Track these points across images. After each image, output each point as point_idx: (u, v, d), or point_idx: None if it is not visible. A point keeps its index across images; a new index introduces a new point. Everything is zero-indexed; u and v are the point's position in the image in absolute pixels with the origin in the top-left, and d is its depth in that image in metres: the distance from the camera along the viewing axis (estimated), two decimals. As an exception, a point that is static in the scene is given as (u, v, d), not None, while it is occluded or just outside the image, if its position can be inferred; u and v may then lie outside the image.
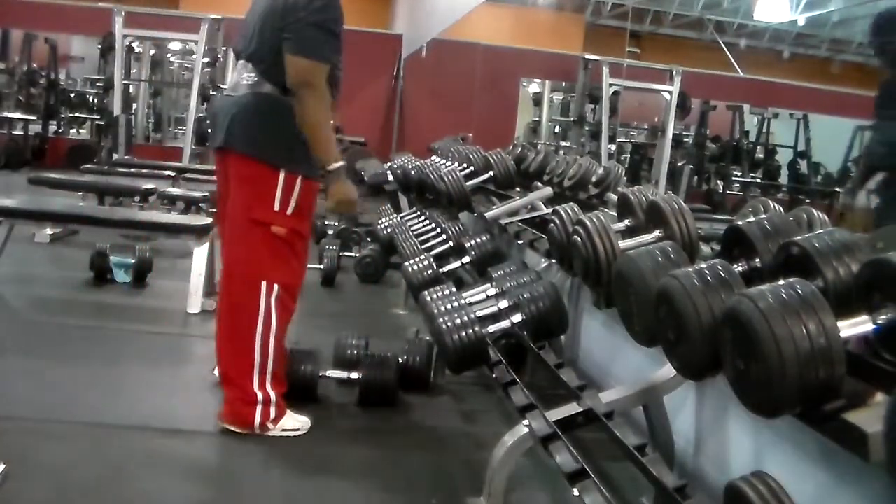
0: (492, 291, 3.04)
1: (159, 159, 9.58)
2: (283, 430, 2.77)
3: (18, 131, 11.54)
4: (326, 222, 6.88)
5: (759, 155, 13.62)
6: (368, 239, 6.12)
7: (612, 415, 2.08)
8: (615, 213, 2.57)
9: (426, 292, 3.11)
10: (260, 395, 2.70)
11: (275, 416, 2.73)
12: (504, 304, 2.85)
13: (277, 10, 2.64)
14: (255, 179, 2.66)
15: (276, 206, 2.63)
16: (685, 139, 12.88)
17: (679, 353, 1.67)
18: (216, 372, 2.97)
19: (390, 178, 5.98)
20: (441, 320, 2.73)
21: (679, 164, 11.86)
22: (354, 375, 3.12)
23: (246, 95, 2.70)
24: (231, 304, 2.76)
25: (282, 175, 2.63)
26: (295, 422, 2.80)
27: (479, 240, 3.83)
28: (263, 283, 2.66)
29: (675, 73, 11.35)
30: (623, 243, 2.23)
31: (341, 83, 2.82)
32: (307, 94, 2.60)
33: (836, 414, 1.37)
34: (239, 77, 2.77)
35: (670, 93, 11.31)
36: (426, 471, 2.65)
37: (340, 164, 2.70)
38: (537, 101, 14.68)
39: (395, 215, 5.28)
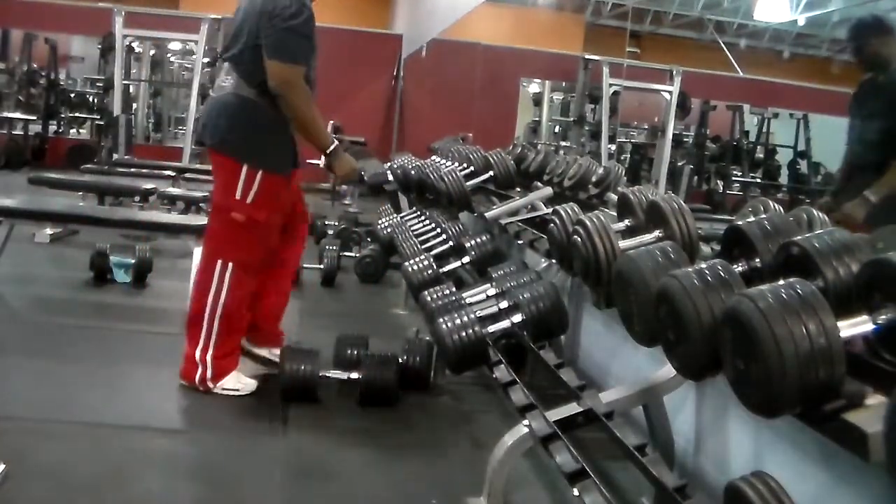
0: (492, 291, 3.04)
1: (159, 159, 9.58)
2: (223, 389, 3.07)
3: (18, 131, 11.53)
4: (327, 222, 6.89)
5: (759, 155, 13.62)
6: (368, 239, 6.12)
7: (612, 415, 2.08)
8: (615, 213, 2.57)
9: (426, 292, 3.12)
10: (199, 359, 3.04)
11: (212, 376, 3.05)
12: (504, 304, 2.85)
13: (254, 15, 2.91)
14: (222, 170, 3.04)
15: (238, 195, 2.97)
16: (685, 139, 12.88)
17: (679, 353, 1.67)
18: None
19: (390, 178, 5.97)
20: (441, 320, 2.73)
21: (679, 164, 11.86)
22: (354, 375, 3.12)
23: (224, 96, 3.02)
24: (196, 278, 3.17)
25: (244, 169, 2.96)
26: (236, 383, 3.09)
27: (479, 240, 3.83)
28: (219, 262, 3.02)
29: (675, 73, 11.36)
30: (623, 243, 2.23)
31: (316, 83, 3.12)
32: (290, 94, 2.92)
33: (836, 414, 1.37)
34: (222, 79, 3.08)
35: (670, 93, 11.31)
36: (426, 471, 2.65)
37: (335, 145, 3.10)
38: (537, 101, 14.67)
39: (395, 215, 5.28)
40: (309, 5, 3.00)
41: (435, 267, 3.78)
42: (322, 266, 5.25)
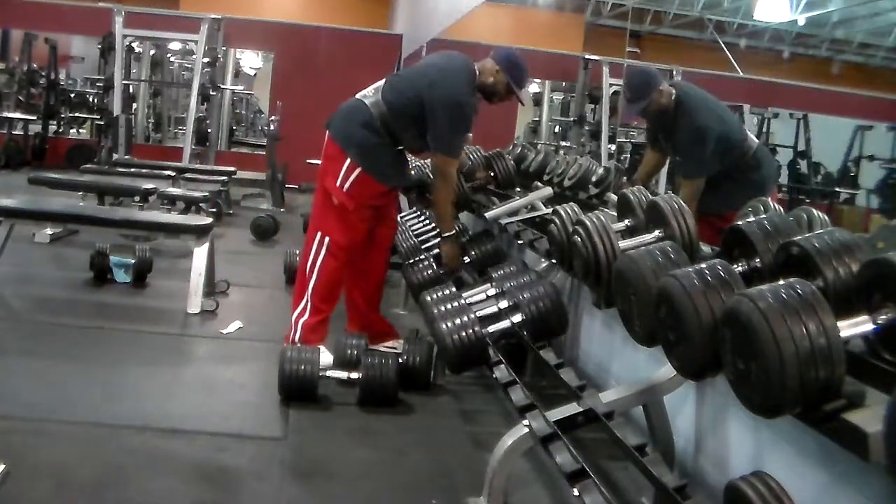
0: (492, 291, 3.04)
1: (159, 159, 9.58)
2: None
3: (18, 131, 11.54)
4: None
5: (759, 155, 13.58)
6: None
7: (612, 415, 2.08)
8: (615, 213, 2.57)
9: (426, 293, 3.12)
10: (294, 321, 3.46)
11: (299, 340, 3.39)
12: (504, 304, 2.85)
13: (426, 84, 3.33)
14: (332, 157, 3.43)
15: (338, 182, 3.38)
16: (685, 139, 12.84)
17: (679, 353, 1.67)
18: None
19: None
20: (441, 321, 2.73)
21: (679, 164, 11.84)
22: (354, 375, 3.12)
23: (357, 100, 3.48)
24: (303, 250, 3.57)
25: (347, 160, 3.37)
26: (327, 357, 3.31)
27: (479, 240, 3.84)
28: (319, 233, 3.46)
29: (675, 73, 11.35)
30: (623, 243, 2.23)
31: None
32: (439, 181, 3.47)
33: (836, 414, 1.37)
34: (369, 88, 3.52)
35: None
36: (426, 471, 2.65)
37: (452, 233, 3.61)
38: (537, 101, 14.67)
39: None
40: (472, 102, 3.39)
41: (435, 267, 3.78)
42: (322, 266, 5.24)
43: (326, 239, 3.44)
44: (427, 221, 4.63)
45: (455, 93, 3.33)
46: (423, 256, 3.96)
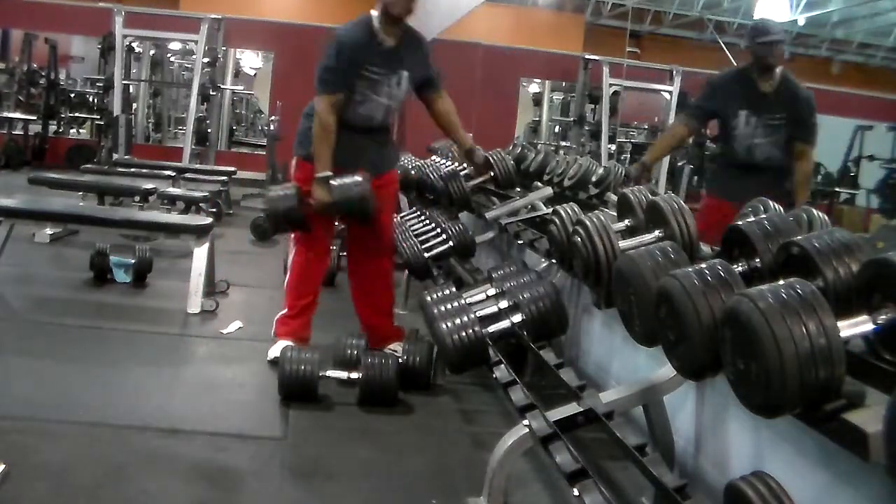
0: (492, 291, 3.04)
1: (159, 159, 9.58)
2: (271, 350, 3.55)
3: (18, 131, 11.53)
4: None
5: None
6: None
7: (612, 415, 2.08)
8: (615, 213, 2.57)
9: (426, 293, 3.11)
10: (278, 314, 3.64)
11: (273, 332, 3.62)
12: (504, 304, 2.85)
13: None
14: None
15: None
16: (685, 139, 12.85)
17: (679, 353, 1.67)
18: None
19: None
20: (441, 321, 2.73)
21: (679, 164, 11.86)
22: (354, 375, 3.12)
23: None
24: None
25: (294, 156, 3.64)
26: (275, 351, 3.44)
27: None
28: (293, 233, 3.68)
29: (675, 73, 11.36)
30: (623, 243, 2.23)
31: (381, 110, 3.59)
32: (315, 116, 3.44)
33: (836, 414, 1.37)
34: None
35: (670, 93, 11.31)
36: (426, 471, 2.65)
37: (320, 176, 3.42)
38: (537, 101, 14.68)
39: (395, 215, 5.27)
40: (343, 41, 3.37)
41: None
42: (322, 266, 5.24)
43: (293, 235, 3.66)
44: (427, 221, 4.62)
45: (336, 33, 3.42)
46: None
